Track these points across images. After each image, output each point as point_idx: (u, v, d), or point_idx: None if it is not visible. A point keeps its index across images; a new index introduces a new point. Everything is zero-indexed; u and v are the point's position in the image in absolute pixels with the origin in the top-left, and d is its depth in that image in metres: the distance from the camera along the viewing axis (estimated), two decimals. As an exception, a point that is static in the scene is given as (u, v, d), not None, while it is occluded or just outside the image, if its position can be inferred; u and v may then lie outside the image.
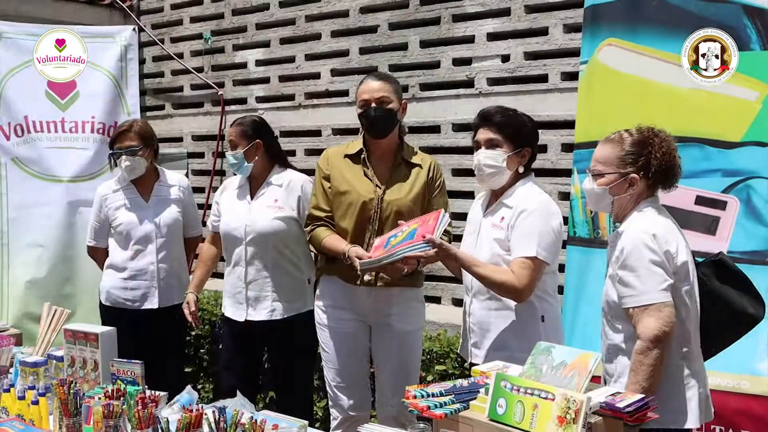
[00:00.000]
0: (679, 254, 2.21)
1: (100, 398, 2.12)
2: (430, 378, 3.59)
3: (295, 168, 3.42)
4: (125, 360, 2.41)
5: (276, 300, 3.20)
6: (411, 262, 2.63)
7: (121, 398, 2.09)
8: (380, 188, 2.87)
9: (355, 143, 2.99)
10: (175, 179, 3.64)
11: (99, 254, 3.63)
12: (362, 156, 2.93)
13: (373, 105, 2.84)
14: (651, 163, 2.25)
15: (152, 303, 3.48)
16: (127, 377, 2.37)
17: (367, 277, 2.86)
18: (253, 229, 3.20)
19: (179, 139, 5.72)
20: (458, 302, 4.36)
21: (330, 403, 3.05)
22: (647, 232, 2.19)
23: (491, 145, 2.58)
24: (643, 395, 1.94)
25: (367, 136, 2.93)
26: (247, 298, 3.21)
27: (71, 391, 2.14)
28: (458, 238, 2.95)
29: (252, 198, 3.27)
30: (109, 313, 3.50)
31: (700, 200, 3.00)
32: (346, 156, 2.95)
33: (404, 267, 2.65)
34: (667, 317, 2.13)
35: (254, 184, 3.31)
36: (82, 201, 4.50)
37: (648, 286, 2.15)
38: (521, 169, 2.61)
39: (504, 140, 2.57)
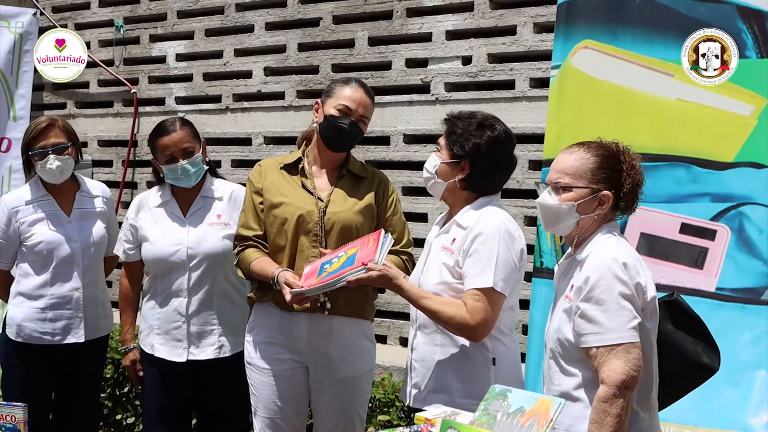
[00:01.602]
0: (649, 289, 2.21)
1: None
2: (371, 429, 3.54)
3: (224, 177, 3.40)
4: (5, 403, 2.39)
5: (223, 334, 3.16)
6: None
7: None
8: (322, 201, 2.86)
9: (294, 153, 3.00)
10: (98, 189, 3.53)
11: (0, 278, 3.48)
12: (300, 166, 2.92)
13: (353, 118, 2.86)
14: (624, 181, 2.26)
15: (77, 336, 3.35)
16: (6, 423, 2.33)
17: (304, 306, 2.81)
18: (198, 252, 3.13)
19: (83, 144, 5.53)
20: (407, 342, 4.32)
21: (257, 457, 2.99)
22: (617, 261, 2.17)
23: (438, 149, 2.64)
24: None
25: (321, 143, 2.92)
26: (188, 335, 3.14)
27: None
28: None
29: (185, 215, 3.19)
30: (18, 351, 3.36)
31: (685, 228, 2.98)
32: (283, 167, 2.94)
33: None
34: (636, 360, 2.12)
35: (182, 199, 3.22)
36: None
37: (616, 323, 2.13)
38: (459, 185, 2.58)
39: (445, 146, 2.61)
